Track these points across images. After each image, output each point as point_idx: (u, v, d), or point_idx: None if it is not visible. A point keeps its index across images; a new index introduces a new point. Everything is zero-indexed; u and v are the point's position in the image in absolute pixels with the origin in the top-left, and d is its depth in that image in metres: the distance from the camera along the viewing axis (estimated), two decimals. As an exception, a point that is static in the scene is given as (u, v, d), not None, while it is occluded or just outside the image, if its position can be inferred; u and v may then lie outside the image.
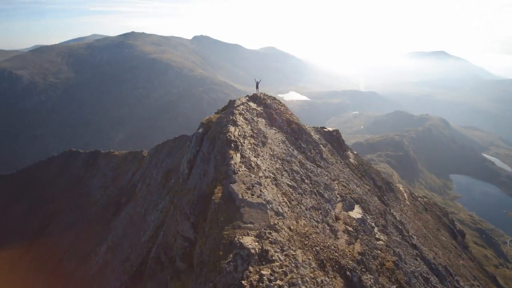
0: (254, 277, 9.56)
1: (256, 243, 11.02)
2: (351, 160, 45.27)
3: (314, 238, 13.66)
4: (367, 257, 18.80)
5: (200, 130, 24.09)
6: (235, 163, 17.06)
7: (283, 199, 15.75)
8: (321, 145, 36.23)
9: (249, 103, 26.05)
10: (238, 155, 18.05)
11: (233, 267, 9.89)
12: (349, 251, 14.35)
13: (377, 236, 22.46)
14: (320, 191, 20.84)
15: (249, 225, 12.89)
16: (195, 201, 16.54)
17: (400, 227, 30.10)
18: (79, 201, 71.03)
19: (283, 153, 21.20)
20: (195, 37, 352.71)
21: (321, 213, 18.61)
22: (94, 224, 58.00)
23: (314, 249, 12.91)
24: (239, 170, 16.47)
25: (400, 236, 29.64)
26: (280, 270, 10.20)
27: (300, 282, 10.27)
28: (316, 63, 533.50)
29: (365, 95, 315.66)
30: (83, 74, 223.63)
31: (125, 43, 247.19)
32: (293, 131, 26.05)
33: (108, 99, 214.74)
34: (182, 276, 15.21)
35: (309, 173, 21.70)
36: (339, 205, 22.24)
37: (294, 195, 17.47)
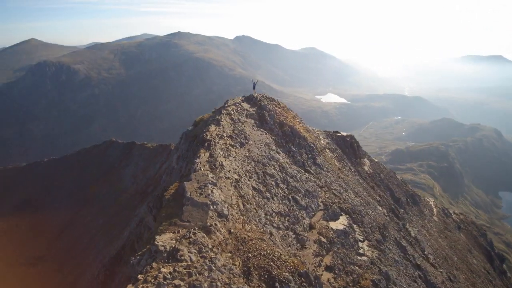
0: (152, 273, 9.72)
1: (172, 241, 11.16)
2: (366, 168, 42.74)
3: (254, 244, 13.31)
4: (337, 271, 17.81)
5: (190, 128, 24.80)
6: (200, 162, 17.31)
7: (237, 201, 15.59)
8: (327, 150, 34.87)
9: (242, 103, 26.07)
10: (207, 154, 18.27)
11: (137, 261, 10.19)
12: (293, 262, 13.69)
13: (361, 251, 21.05)
14: (297, 197, 20.13)
15: (185, 223, 13.06)
16: (159, 195, 17.16)
17: (403, 244, 27.67)
18: (113, 187, 77.27)
19: (261, 155, 20.88)
20: (237, 37, 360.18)
21: (288, 220, 18.01)
22: (123, 209, 62.79)
23: (246, 255, 12.61)
24: (200, 169, 16.68)
25: (402, 254, 27.39)
26: (185, 270, 10.19)
27: (205, 285, 10.17)
28: (358, 64, 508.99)
29: (410, 100, 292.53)
30: (133, 71, 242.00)
31: (171, 42, 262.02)
32: (285, 133, 25.44)
33: (154, 95, 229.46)
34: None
35: (289, 178, 21.07)
36: (319, 213, 21.25)
37: (257, 198, 17.16)
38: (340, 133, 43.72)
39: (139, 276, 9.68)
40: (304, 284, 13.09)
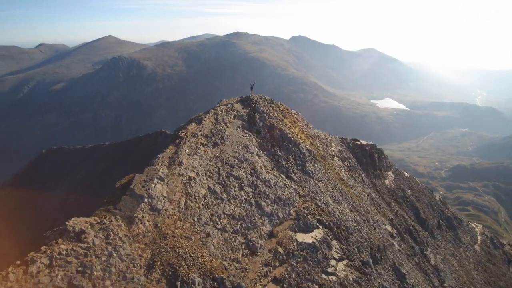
0: (53, 247, 10.95)
1: (84, 224, 12.23)
2: (387, 181, 39.07)
3: (173, 241, 13.68)
4: (286, 286, 17.02)
5: (182, 125, 25.99)
6: (161, 157, 18.28)
7: (179, 198, 16.08)
8: (335, 158, 32.95)
9: (235, 104, 26.33)
10: (173, 150, 19.15)
11: (48, 235, 11.55)
12: (213, 266, 13.65)
13: (329, 270, 19.67)
14: (262, 202, 19.71)
15: (116, 211, 14.08)
16: (125, 184, 18.65)
17: (403, 271, 24.73)
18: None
19: (233, 156, 20.92)
20: (293, 37, 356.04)
21: (241, 224, 17.82)
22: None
23: (158, 250, 13.07)
24: (158, 164, 17.62)
25: (398, 282, 24.83)
26: (82, 251, 11.16)
27: (98, 268, 11.02)
28: (423, 68, 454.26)
29: (481, 111, 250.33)
30: (193, 68, 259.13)
31: (230, 42, 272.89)
32: (273, 137, 24.90)
33: (210, 91, 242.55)
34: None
35: (259, 182, 20.70)
36: (288, 223, 20.41)
37: (207, 198, 17.38)
38: (359, 141, 40.70)
39: (42, 247, 11.00)
40: (215, 288, 13.01)
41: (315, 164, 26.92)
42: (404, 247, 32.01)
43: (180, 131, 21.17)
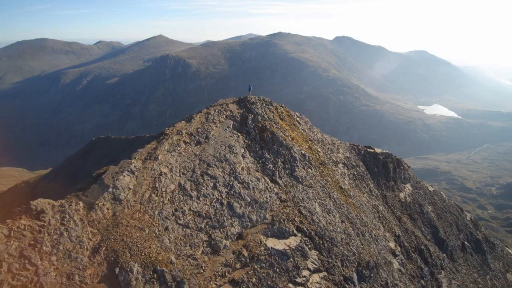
0: (15, 222, 12.59)
1: (46, 205, 13.65)
2: (402, 194, 36.32)
3: (125, 230, 14.52)
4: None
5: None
6: (140, 152, 19.41)
7: (145, 191, 16.93)
8: (339, 165, 31.47)
9: (230, 104, 26.66)
10: (153, 146, 20.20)
11: (16, 211, 13.19)
12: (158, 259, 14.19)
13: (299, 280, 19.13)
14: (235, 203, 19.80)
15: (82, 197, 15.43)
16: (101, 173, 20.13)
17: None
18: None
19: (213, 156, 21.29)
20: (336, 38, 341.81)
21: (207, 222, 18.15)
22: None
23: (108, 236, 14.01)
24: (135, 157, 18.75)
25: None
26: (38, 227, 12.65)
27: (48, 244, 12.36)
28: (478, 73, 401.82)
29: None
30: (235, 67, 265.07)
31: (271, 42, 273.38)
32: (263, 139, 24.69)
33: (247, 91, 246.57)
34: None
35: (236, 183, 20.79)
36: (260, 226, 20.20)
37: (176, 194, 18.00)
38: (373, 149, 38.23)
39: (8, 220, 12.62)
40: (153, 280, 13.55)
41: (309, 170, 26.08)
42: (410, 267, 29.50)
43: (166, 128, 22.15)
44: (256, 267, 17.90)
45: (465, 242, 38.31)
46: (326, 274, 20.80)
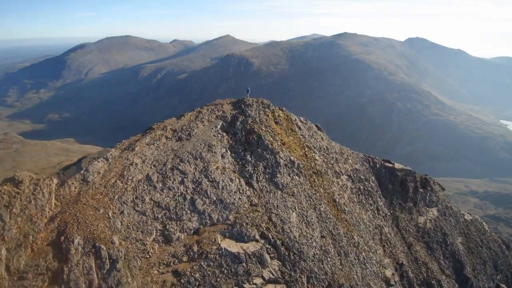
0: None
1: (25, 176, 16.70)
2: (421, 218, 32.52)
3: (81, 208, 16.77)
4: (183, 281, 17.79)
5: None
6: (123, 142, 21.80)
7: (111, 177, 19.06)
8: (342, 177, 29.55)
9: (225, 105, 27.47)
10: (137, 138, 22.40)
11: (4, 180, 16.57)
12: (100, 236, 16.02)
13: (246, 286, 19.14)
14: (198, 200, 20.68)
15: (61, 175, 18.35)
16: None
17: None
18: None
19: (189, 152, 22.43)
20: (409, 39, 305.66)
21: (165, 213, 19.47)
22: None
23: (65, 209, 16.43)
24: (116, 147, 21.17)
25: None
26: (14, 193, 16.00)
27: (17, 207, 15.28)
28: None
29: None
30: (295, 68, 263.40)
31: (335, 42, 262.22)
32: (248, 141, 24.82)
33: (307, 91, 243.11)
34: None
35: (205, 181, 21.58)
36: (220, 226, 20.67)
37: (141, 183, 19.73)
38: (392, 163, 34.48)
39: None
40: (90, 253, 15.43)
41: (295, 177, 25.24)
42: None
43: (155, 124, 24.17)
44: (203, 264, 18.51)
45: (502, 285, 31.77)
46: (284, 287, 20.19)
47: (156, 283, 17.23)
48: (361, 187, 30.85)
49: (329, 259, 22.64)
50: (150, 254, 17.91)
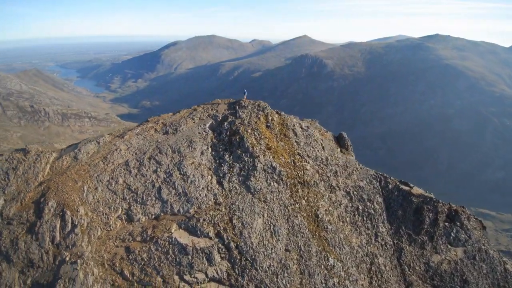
0: (13, 154, 20.78)
1: (34, 148, 21.24)
2: (437, 257, 28.16)
3: (64, 179, 20.46)
4: (131, 257, 19.99)
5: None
6: (117, 129, 25.19)
7: (98, 158, 22.44)
8: (337, 192, 27.50)
9: (221, 105, 28.58)
10: (129, 126, 25.52)
11: (17, 150, 21.45)
12: (70, 204, 19.33)
13: (186, 278, 20.44)
14: (164, 189, 22.58)
15: (62, 150, 22.61)
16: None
17: None
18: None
19: (169, 146, 24.40)
20: None
21: (132, 196, 22.05)
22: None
23: (52, 178, 20.31)
24: (111, 133, 24.68)
25: None
26: (21, 159, 20.36)
27: (20, 170, 19.82)
28: None
29: None
30: (372, 70, 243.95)
31: (423, 45, 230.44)
32: (230, 142, 25.43)
33: (383, 96, 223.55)
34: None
35: (176, 173, 23.27)
36: (179, 217, 22.07)
37: (120, 167, 22.60)
38: (410, 186, 29.89)
39: (11, 152, 21.05)
40: (58, 216, 18.92)
41: (274, 184, 24.77)
42: None
43: (152, 117, 27.01)
44: (152, 247, 20.38)
45: None
46: (224, 287, 20.49)
47: (109, 253, 19.86)
48: (360, 207, 27.95)
49: (286, 274, 21.74)
50: (111, 228, 20.65)
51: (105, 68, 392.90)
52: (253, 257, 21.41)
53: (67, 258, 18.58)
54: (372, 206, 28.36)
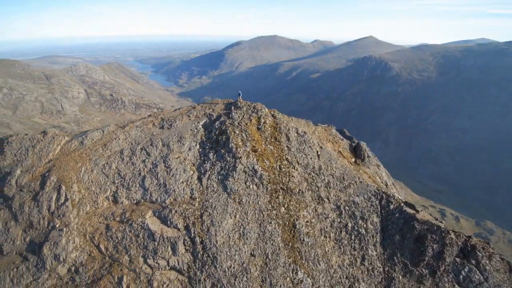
0: (36, 135, 25.38)
1: (51, 131, 25.47)
2: None
3: (68, 159, 24.05)
4: (109, 233, 22.51)
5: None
6: (124, 121, 28.24)
7: (98, 144, 25.64)
8: (328, 205, 26.36)
9: (218, 104, 29.52)
10: (131, 117, 28.35)
11: (42, 131, 25.97)
12: (66, 180, 22.70)
13: (149, 262, 22.10)
14: (147, 179, 24.65)
15: (74, 136, 26.55)
16: (119, 131, 30.73)
17: None
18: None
19: (160, 139, 26.36)
20: None
21: (120, 181, 24.56)
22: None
23: (59, 157, 24.06)
24: (117, 124, 27.84)
25: None
26: (40, 139, 24.77)
27: (37, 148, 24.21)
28: None
29: None
30: (445, 76, 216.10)
31: (509, 51, 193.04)
32: (217, 141, 26.24)
33: (456, 106, 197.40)
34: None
35: (161, 165, 25.12)
36: (156, 205, 23.80)
37: (115, 154, 25.43)
38: (416, 210, 26.36)
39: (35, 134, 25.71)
40: (55, 188, 22.42)
41: (253, 187, 24.83)
42: None
43: (154, 112, 29.42)
44: (126, 228, 22.64)
45: None
46: (186, 280, 21.59)
47: (92, 227, 22.74)
48: (350, 225, 25.95)
49: (245, 279, 21.78)
50: (98, 206, 23.57)
51: (175, 64, 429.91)
52: (215, 255, 21.99)
53: (57, 225, 21.95)
54: (364, 225, 26.06)
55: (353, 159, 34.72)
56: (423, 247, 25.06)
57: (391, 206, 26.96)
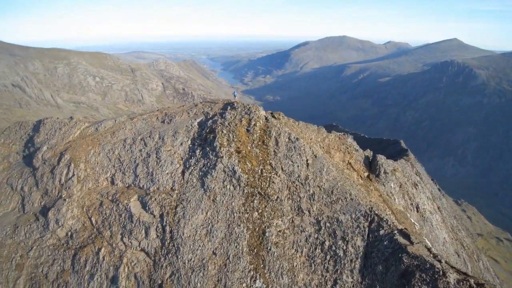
0: (64, 120, 30.67)
1: (77, 117, 30.36)
2: None
3: (81, 142, 28.40)
4: (99, 209, 25.91)
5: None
6: (134, 113, 31.71)
7: (108, 132, 29.43)
8: (308, 218, 25.61)
9: (217, 104, 30.60)
10: (135, 110, 31.56)
11: (70, 117, 31.12)
12: (77, 161, 26.91)
13: (125, 240, 24.55)
14: (140, 167, 27.39)
15: (91, 124, 31.11)
16: (135, 122, 34.64)
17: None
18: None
19: (158, 132, 28.77)
20: None
21: (119, 166, 27.90)
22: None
23: (75, 140, 28.61)
24: (128, 115, 31.46)
25: None
26: (66, 123, 29.94)
27: (56, 134, 29.39)
28: None
29: None
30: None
31: None
32: (205, 139, 27.39)
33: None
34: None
35: (153, 156, 27.55)
36: (142, 191, 26.23)
37: (120, 142, 28.82)
38: (411, 241, 23.09)
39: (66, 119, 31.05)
40: (67, 165, 26.79)
41: (229, 187, 25.36)
42: None
43: (162, 108, 32.15)
44: (114, 207, 25.78)
45: None
46: (151, 262, 23.55)
47: (90, 201, 26.52)
48: (327, 243, 24.26)
49: (202, 275, 22.62)
50: (99, 184, 27.26)
51: (242, 63, 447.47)
52: (179, 245, 23.36)
53: (63, 196, 26.23)
54: (344, 247, 24.03)
55: (366, 173, 32.12)
56: (409, 285, 21.90)
57: (381, 231, 24.20)
